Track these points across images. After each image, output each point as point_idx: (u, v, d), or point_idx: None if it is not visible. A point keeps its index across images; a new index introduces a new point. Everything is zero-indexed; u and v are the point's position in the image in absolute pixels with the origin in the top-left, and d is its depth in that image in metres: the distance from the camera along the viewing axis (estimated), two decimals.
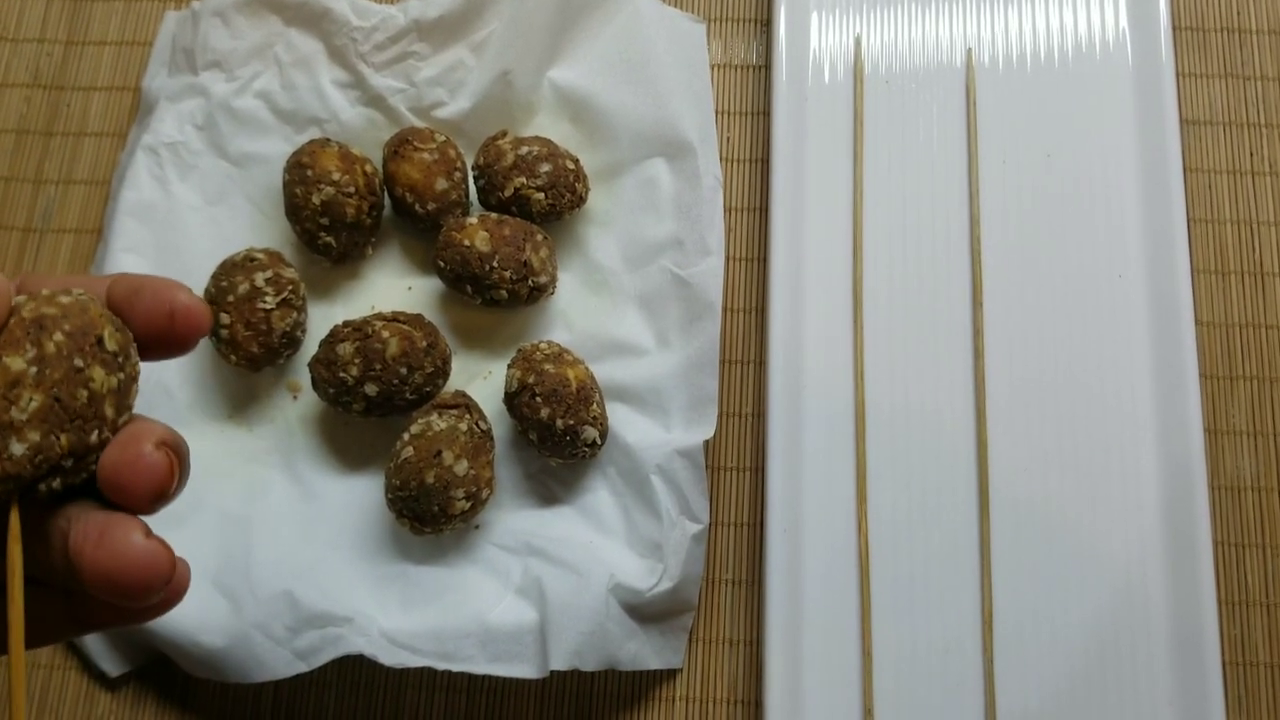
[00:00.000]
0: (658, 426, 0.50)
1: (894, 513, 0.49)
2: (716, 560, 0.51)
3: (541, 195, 0.51)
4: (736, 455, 0.52)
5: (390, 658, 0.46)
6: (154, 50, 0.58)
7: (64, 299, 0.25)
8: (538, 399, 0.47)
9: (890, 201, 0.53)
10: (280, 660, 0.46)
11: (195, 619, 0.47)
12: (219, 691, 0.50)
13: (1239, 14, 0.57)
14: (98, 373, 0.25)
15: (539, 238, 0.51)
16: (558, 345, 0.50)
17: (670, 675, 0.49)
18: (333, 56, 0.56)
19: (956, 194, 0.53)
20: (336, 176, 0.50)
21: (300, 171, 0.50)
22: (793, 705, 0.46)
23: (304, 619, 0.46)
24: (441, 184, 0.51)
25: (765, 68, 0.57)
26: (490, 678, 0.48)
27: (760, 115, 0.57)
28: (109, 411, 0.25)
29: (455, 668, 0.46)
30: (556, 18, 0.55)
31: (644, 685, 0.49)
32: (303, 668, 0.46)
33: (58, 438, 0.24)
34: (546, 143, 0.52)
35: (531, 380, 0.47)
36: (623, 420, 0.50)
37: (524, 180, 0.51)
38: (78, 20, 0.61)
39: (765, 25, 0.58)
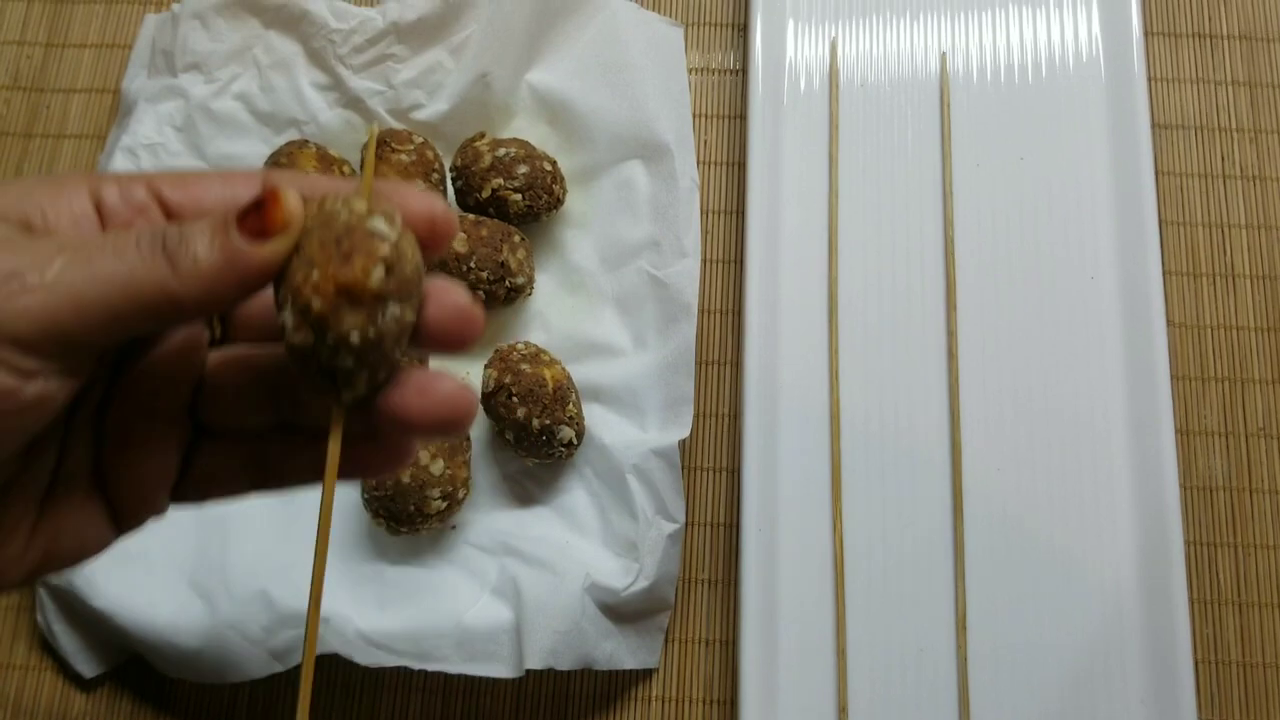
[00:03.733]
0: (634, 427, 0.50)
1: (868, 513, 0.49)
2: (692, 560, 0.51)
3: (519, 196, 0.51)
4: (712, 456, 0.52)
5: (366, 657, 0.46)
6: (133, 52, 0.58)
7: (378, 201, 0.26)
8: (514, 399, 0.47)
9: (865, 205, 0.54)
10: (256, 660, 0.46)
11: (171, 619, 0.47)
12: (195, 692, 0.50)
13: (1210, 19, 0.58)
14: (416, 254, 0.26)
15: (516, 239, 0.51)
16: (535, 345, 0.50)
17: (646, 675, 0.49)
18: (311, 59, 0.56)
19: (930, 197, 0.54)
20: None
21: None
22: (768, 705, 0.46)
23: (280, 619, 0.46)
24: (419, 185, 0.51)
25: (742, 72, 0.58)
26: (466, 678, 0.49)
27: (737, 119, 0.57)
28: (420, 289, 0.26)
29: (431, 667, 0.46)
30: (534, 21, 0.55)
31: (620, 685, 0.49)
32: (279, 668, 0.46)
33: (409, 313, 0.25)
34: (524, 145, 0.53)
35: (508, 380, 0.47)
36: (599, 420, 0.50)
37: (501, 182, 0.51)
38: (58, 23, 0.61)
39: (742, 30, 0.59)
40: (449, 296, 0.26)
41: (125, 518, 0.28)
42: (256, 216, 0.24)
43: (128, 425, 0.27)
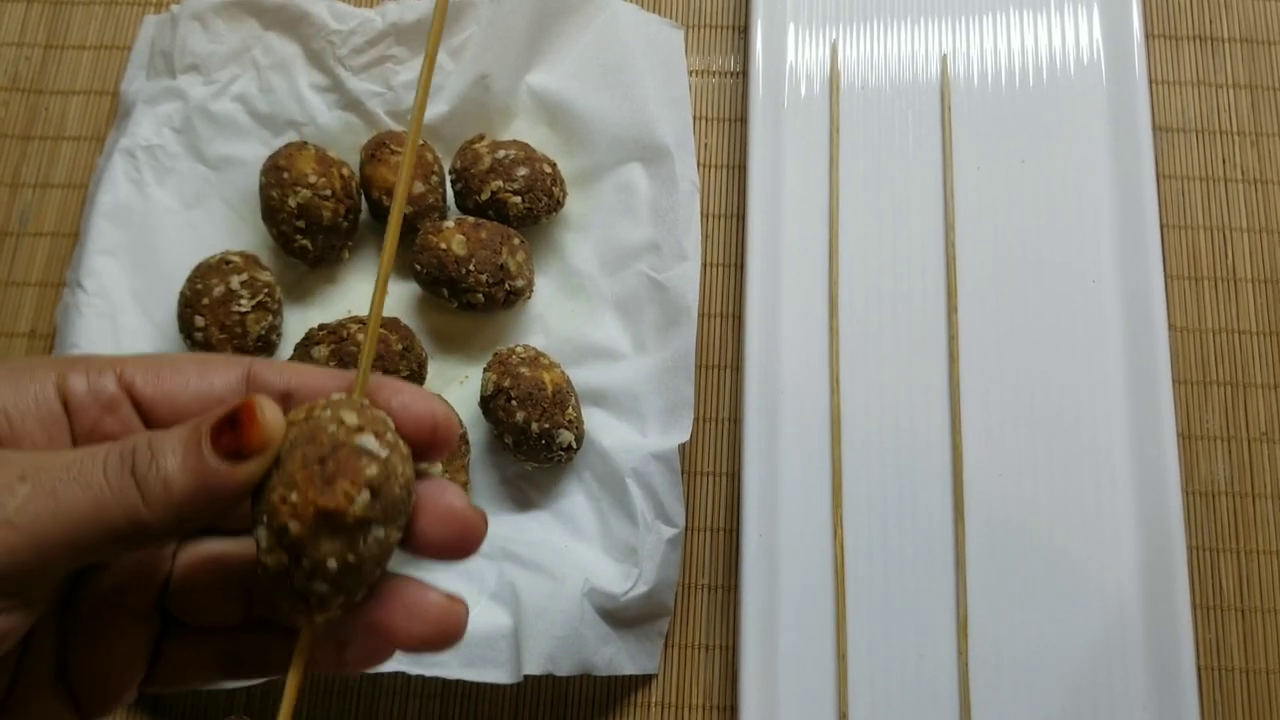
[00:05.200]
0: (634, 431, 0.49)
1: (869, 518, 0.49)
2: (692, 565, 0.51)
3: (518, 199, 0.51)
4: (712, 460, 0.52)
5: None
6: (132, 54, 0.58)
7: (370, 413, 0.24)
8: (513, 402, 0.47)
9: (866, 208, 0.53)
10: None
11: None
12: (190, 698, 0.49)
13: (1211, 22, 0.58)
14: (408, 470, 0.24)
15: (516, 241, 0.51)
16: (534, 349, 0.50)
17: (645, 680, 0.49)
18: (311, 60, 0.56)
19: (931, 201, 0.53)
20: (313, 179, 0.50)
21: (277, 174, 0.50)
22: (768, 710, 0.46)
23: None
24: (418, 187, 0.51)
25: (743, 75, 0.58)
26: (464, 683, 0.48)
27: (738, 122, 0.57)
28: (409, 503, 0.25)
29: (429, 672, 0.45)
30: (534, 23, 0.55)
31: (619, 691, 0.49)
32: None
33: (395, 533, 0.24)
34: (524, 147, 0.52)
35: (507, 384, 0.47)
36: (599, 424, 0.50)
37: (501, 184, 0.51)
38: (57, 24, 0.61)
39: (743, 33, 0.58)
40: (444, 502, 0.24)
41: (91, 712, 0.26)
42: (232, 434, 0.22)
43: (93, 623, 0.26)
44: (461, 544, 0.24)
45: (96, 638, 0.26)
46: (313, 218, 0.50)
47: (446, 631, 0.24)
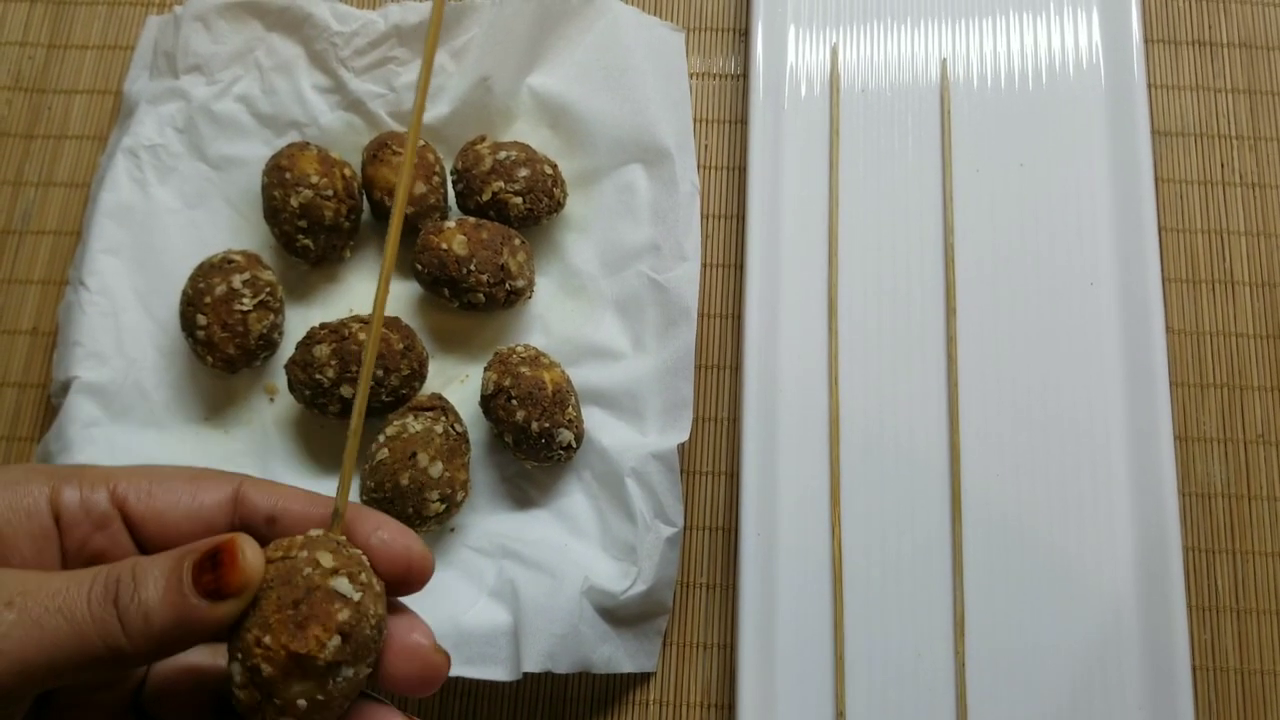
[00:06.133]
0: (633, 430, 0.50)
1: (867, 518, 0.49)
2: (691, 564, 0.51)
3: (519, 200, 0.51)
4: (711, 460, 0.52)
5: None
6: (135, 54, 0.58)
7: (345, 552, 0.25)
8: (513, 401, 0.47)
9: (865, 210, 0.54)
10: None
11: None
12: None
13: (1210, 27, 0.58)
14: (380, 608, 0.25)
15: (516, 242, 0.51)
16: (534, 349, 0.50)
17: (644, 678, 0.49)
18: (313, 61, 0.56)
19: (931, 203, 0.54)
20: (315, 179, 0.50)
21: (279, 174, 0.51)
22: (766, 709, 0.46)
23: None
24: (419, 188, 0.52)
25: (743, 77, 0.58)
26: (464, 680, 0.48)
27: (738, 124, 0.57)
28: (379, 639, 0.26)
29: None
30: (536, 25, 0.55)
31: (618, 688, 0.49)
32: None
33: (364, 670, 0.25)
34: (525, 148, 0.53)
35: (507, 383, 0.47)
36: (598, 424, 0.50)
37: (502, 185, 0.51)
38: (60, 24, 0.61)
39: (744, 35, 0.59)
40: (410, 640, 0.25)
41: None
42: (213, 574, 0.23)
43: (68, 717, 0.27)
44: (423, 684, 0.26)
45: None
46: (315, 217, 0.51)
47: None
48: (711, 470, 0.52)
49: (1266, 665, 0.49)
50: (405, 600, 0.28)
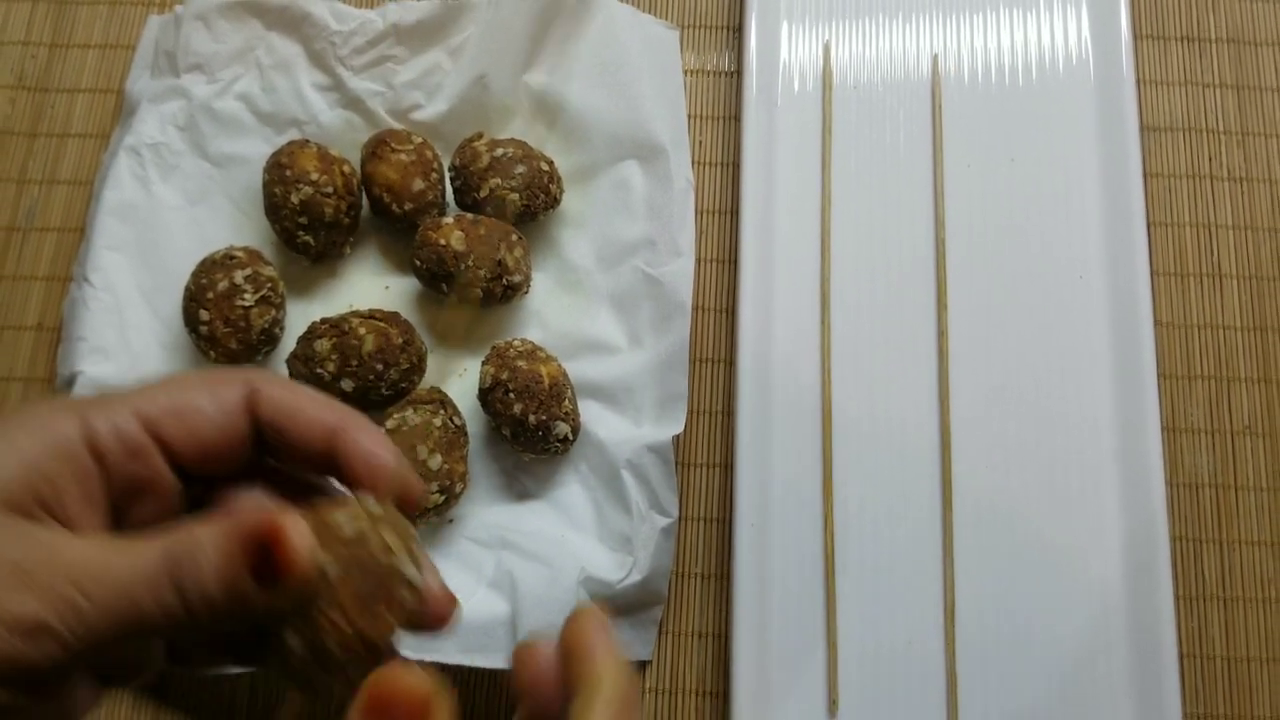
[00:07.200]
0: (629, 423, 0.50)
1: (860, 509, 0.50)
2: (686, 554, 0.51)
3: (516, 196, 0.52)
4: (706, 451, 0.53)
5: None
6: (137, 53, 0.59)
7: (402, 527, 0.27)
8: (511, 395, 0.48)
9: (857, 205, 0.54)
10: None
11: None
12: (193, 685, 0.50)
13: (1199, 23, 0.59)
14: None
15: (514, 238, 0.51)
16: (531, 343, 0.50)
17: (640, 667, 0.50)
18: (312, 60, 0.57)
19: (922, 198, 0.54)
20: (315, 177, 0.51)
21: (279, 172, 0.51)
22: (760, 696, 0.47)
23: None
24: (418, 184, 0.52)
25: (737, 74, 0.59)
26: (462, 668, 0.49)
27: (732, 120, 0.58)
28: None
29: (427, 658, 0.46)
30: (532, 23, 0.56)
31: None
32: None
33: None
34: (522, 145, 0.53)
35: (505, 376, 0.48)
36: (595, 416, 0.51)
37: (499, 181, 0.52)
38: (62, 23, 0.62)
39: (737, 33, 0.59)
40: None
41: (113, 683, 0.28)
42: (265, 564, 0.24)
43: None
44: (438, 623, 0.28)
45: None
46: (315, 214, 0.51)
47: None
48: (706, 462, 0.53)
49: (1253, 653, 0.49)
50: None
